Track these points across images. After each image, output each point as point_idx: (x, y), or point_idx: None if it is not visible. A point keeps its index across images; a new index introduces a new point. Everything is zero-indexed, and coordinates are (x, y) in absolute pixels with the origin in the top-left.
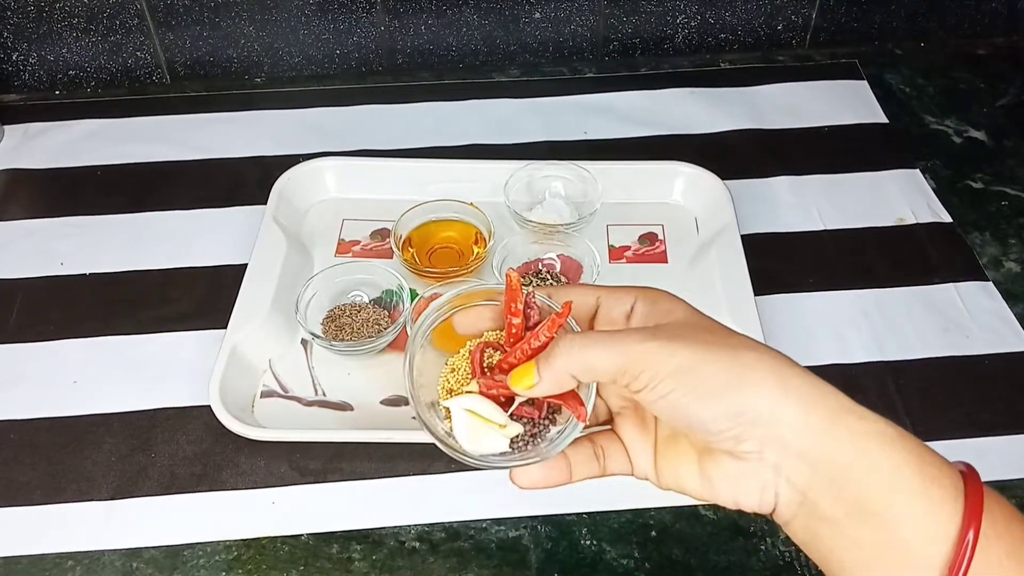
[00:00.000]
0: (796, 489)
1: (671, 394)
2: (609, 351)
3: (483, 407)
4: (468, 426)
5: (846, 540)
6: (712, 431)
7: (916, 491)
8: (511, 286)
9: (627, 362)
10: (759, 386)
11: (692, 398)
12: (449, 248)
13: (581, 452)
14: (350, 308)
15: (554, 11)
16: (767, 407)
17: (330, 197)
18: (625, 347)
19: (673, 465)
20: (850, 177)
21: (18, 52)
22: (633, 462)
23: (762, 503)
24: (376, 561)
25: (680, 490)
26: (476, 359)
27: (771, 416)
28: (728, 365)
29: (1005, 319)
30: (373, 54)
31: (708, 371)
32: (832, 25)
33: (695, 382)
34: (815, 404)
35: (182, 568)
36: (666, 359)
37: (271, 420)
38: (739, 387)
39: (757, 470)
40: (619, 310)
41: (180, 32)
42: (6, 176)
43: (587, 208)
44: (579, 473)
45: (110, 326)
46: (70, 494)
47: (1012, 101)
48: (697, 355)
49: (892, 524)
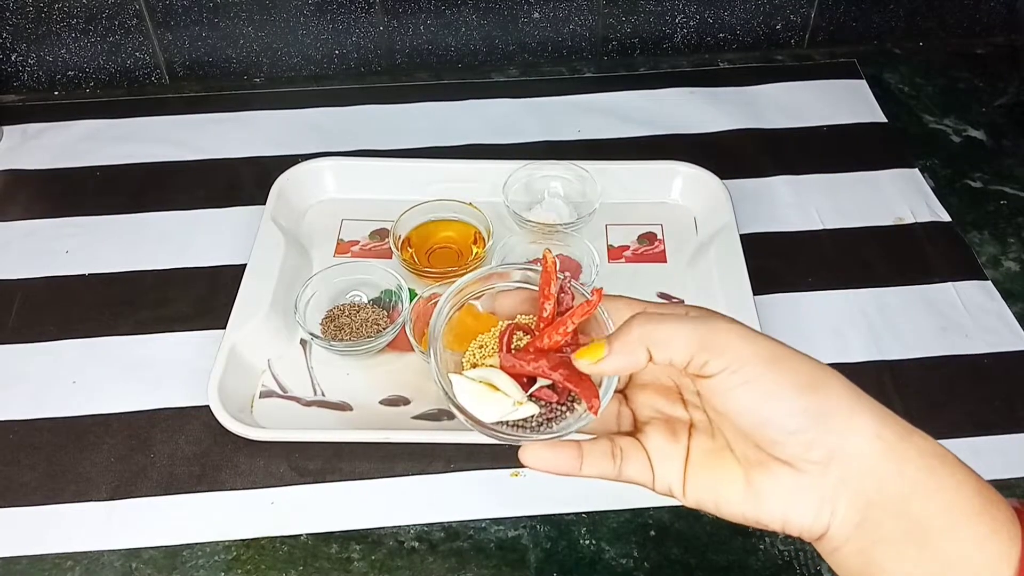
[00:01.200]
0: (856, 508)
1: (752, 381)
2: (692, 326)
3: (502, 381)
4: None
5: (903, 563)
6: (787, 429)
7: (977, 512)
8: (546, 267)
9: (710, 338)
10: (837, 392)
11: (772, 389)
12: (448, 248)
13: (596, 447)
14: (349, 308)
15: (553, 11)
16: (844, 414)
17: (329, 197)
18: (709, 324)
19: (710, 480)
20: (849, 176)
21: (17, 53)
22: (656, 474)
23: (815, 522)
24: (375, 561)
25: (715, 508)
26: (504, 339)
27: (846, 424)
28: (809, 366)
29: (1004, 318)
30: (372, 54)
31: (791, 365)
32: (831, 24)
33: (780, 372)
34: (885, 421)
35: (181, 568)
36: (751, 343)
37: (270, 420)
38: (823, 388)
39: (818, 484)
40: None
41: (179, 32)
42: (5, 176)
43: (586, 208)
44: (590, 468)
45: (109, 326)
46: (69, 494)
47: (1011, 100)
48: (781, 349)
49: (954, 545)
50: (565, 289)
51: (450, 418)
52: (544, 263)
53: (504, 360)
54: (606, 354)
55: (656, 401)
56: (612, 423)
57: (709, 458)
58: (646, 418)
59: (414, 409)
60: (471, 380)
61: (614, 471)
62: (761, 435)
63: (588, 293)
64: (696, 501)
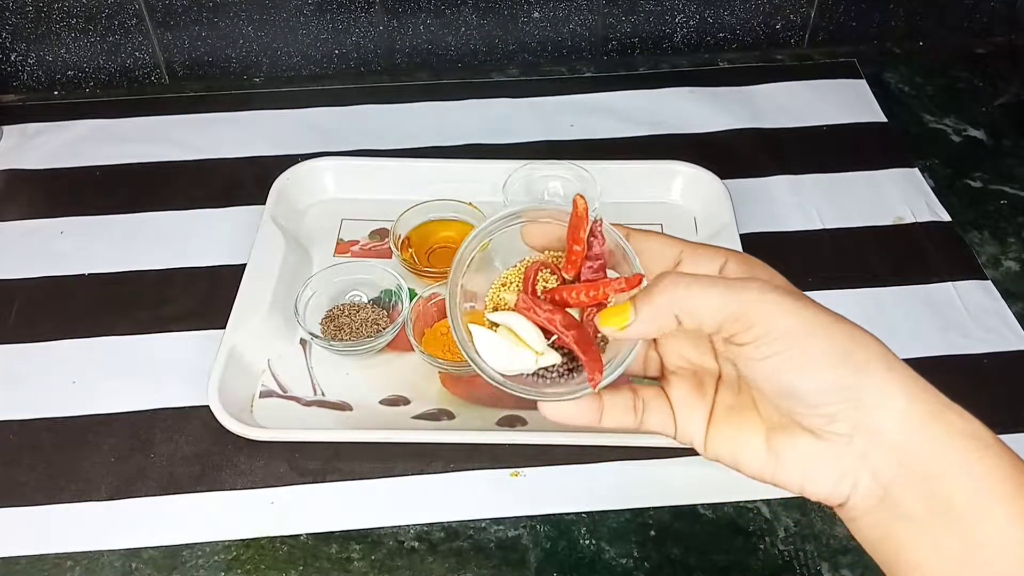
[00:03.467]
0: (879, 483)
1: (782, 354)
2: (723, 295)
3: (523, 328)
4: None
5: (924, 540)
6: (811, 403)
7: (1006, 496)
8: (576, 213)
9: (741, 310)
10: (871, 365)
11: (803, 362)
12: (448, 248)
13: (617, 397)
14: (349, 308)
15: (553, 11)
16: (876, 389)
17: (329, 197)
18: (741, 294)
19: (732, 437)
20: (849, 176)
21: (16, 52)
22: (678, 424)
23: (835, 491)
24: (375, 561)
25: (733, 464)
26: (529, 277)
27: (876, 400)
28: (845, 337)
29: (1004, 318)
30: (372, 54)
31: (825, 337)
32: (831, 24)
33: (809, 346)
34: (918, 396)
35: (181, 568)
36: (784, 316)
37: (270, 420)
38: (853, 361)
39: (840, 455)
40: (706, 268)
41: (178, 32)
42: (4, 176)
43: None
44: (610, 419)
45: (109, 326)
46: (69, 494)
47: (1011, 100)
48: (817, 319)
49: (976, 526)
50: (596, 233)
51: (450, 418)
52: (574, 207)
53: (521, 302)
54: (631, 320)
55: (686, 349)
56: (639, 368)
57: (732, 414)
58: (674, 366)
59: (414, 409)
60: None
61: (635, 423)
62: (785, 404)
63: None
64: (715, 455)
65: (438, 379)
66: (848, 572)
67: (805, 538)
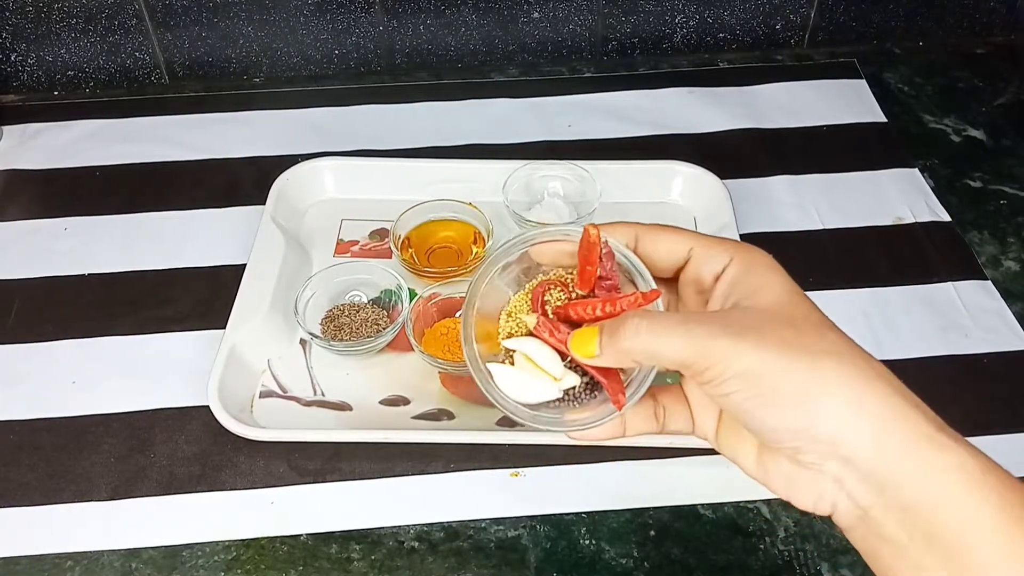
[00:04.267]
0: (857, 505)
1: (737, 394)
2: (677, 342)
3: (541, 353)
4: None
5: (908, 563)
6: (771, 439)
7: (996, 529)
8: (588, 240)
9: (693, 356)
10: (830, 403)
11: (755, 404)
12: (448, 248)
13: (640, 410)
14: (349, 308)
15: (553, 11)
16: (834, 427)
17: (329, 197)
18: (694, 339)
19: (732, 441)
20: (849, 176)
21: (16, 52)
22: (696, 421)
23: (816, 508)
24: (375, 561)
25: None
26: (537, 297)
27: (836, 437)
28: (801, 375)
29: (1004, 318)
30: (372, 54)
31: (777, 380)
32: (831, 24)
33: (761, 389)
34: (890, 429)
35: (181, 568)
36: (734, 359)
37: (270, 420)
38: (807, 402)
39: (815, 478)
40: (709, 269)
41: (179, 32)
42: (4, 177)
43: (585, 208)
44: (634, 428)
45: (108, 326)
46: (69, 494)
47: (1011, 100)
48: (769, 360)
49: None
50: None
51: (450, 418)
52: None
53: (538, 325)
54: (597, 354)
55: None
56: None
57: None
58: None
59: (414, 409)
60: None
61: (657, 428)
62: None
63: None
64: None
65: (438, 379)
66: (848, 572)
67: (805, 538)
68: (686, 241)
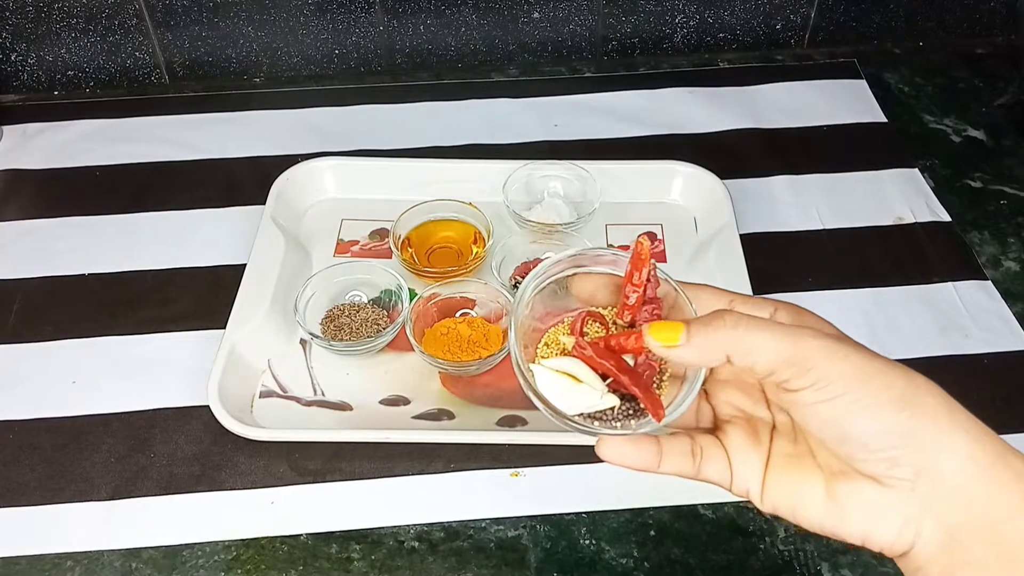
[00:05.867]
0: (944, 529)
1: (840, 397)
2: (779, 339)
3: (582, 372)
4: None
5: None
6: (871, 447)
7: None
8: (639, 253)
9: (797, 355)
10: (931, 409)
11: (862, 406)
12: (448, 248)
13: (676, 444)
14: (349, 308)
15: (553, 11)
16: (936, 433)
17: (329, 197)
18: (796, 339)
19: (790, 486)
20: (849, 176)
21: (17, 52)
22: (734, 475)
23: (899, 539)
24: (375, 561)
25: (791, 515)
26: (576, 325)
27: (938, 443)
28: (904, 382)
29: (1004, 318)
30: (372, 54)
31: (884, 382)
32: (831, 24)
33: (869, 390)
34: (981, 440)
35: (181, 568)
36: (841, 360)
37: (270, 420)
38: (912, 405)
39: (903, 501)
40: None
41: (179, 32)
42: (5, 176)
43: (586, 208)
44: (669, 465)
45: (109, 326)
46: (69, 494)
47: (1011, 100)
48: (873, 364)
49: None
50: (651, 278)
51: (450, 418)
52: (639, 248)
53: (577, 345)
54: (682, 343)
55: (738, 399)
56: (691, 419)
57: (790, 463)
58: (727, 416)
59: (414, 409)
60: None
61: (693, 470)
62: (844, 450)
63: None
64: (773, 507)
65: (438, 379)
66: (848, 572)
67: (805, 538)
68: (725, 295)
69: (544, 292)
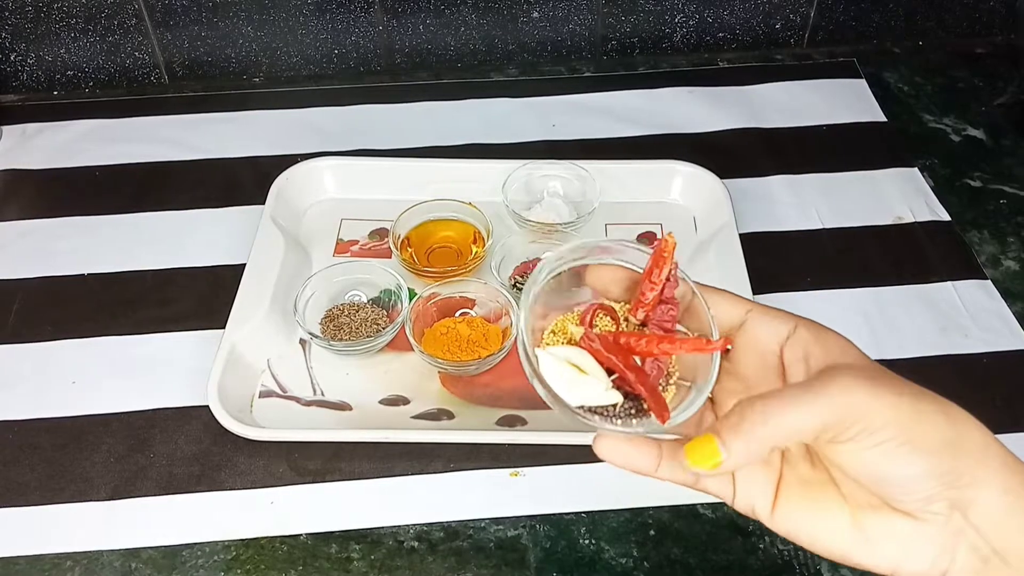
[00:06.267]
0: (978, 557)
1: (882, 445)
2: (813, 407)
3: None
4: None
5: None
6: (911, 489)
7: None
8: (662, 251)
9: (837, 415)
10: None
11: (907, 451)
12: (448, 248)
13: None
14: (348, 308)
15: (552, 10)
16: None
17: (328, 197)
18: (831, 397)
19: (810, 513)
20: (848, 176)
21: (16, 52)
22: (738, 491)
23: (932, 569)
24: (375, 561)
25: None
26: (586, 318)
27: (973, 479)
28: (945, 421)
29: (1003, 317)
30: (371, 54)
31: (929, 425)
32: (830, 24)
33: (914, 435)
34: (1015, 469)
35: (181, 568)
36: (881, 410)
37: (269, 420)
38: (952, 445)
39: (938, 533)
40: (772, 333)
41: (178, 32)
42: (4, 176)
43: (585, 207)
44: (667, 471)
45: (108, 326)
46: (69, 494)
47: (1010, 100)
48: (915, 405)
49: None
50: (671, 277)
51: (450, 418)
52: (663, 246)
53: (586, 337)
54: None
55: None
56: (694, 428)
57: (809, 490)
58: None
59: (414, 409)
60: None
61: (692, 479)
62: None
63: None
64: (787, 531)
65: (438, 379)
66: (848, 572)
67: None
68: (743, 304)
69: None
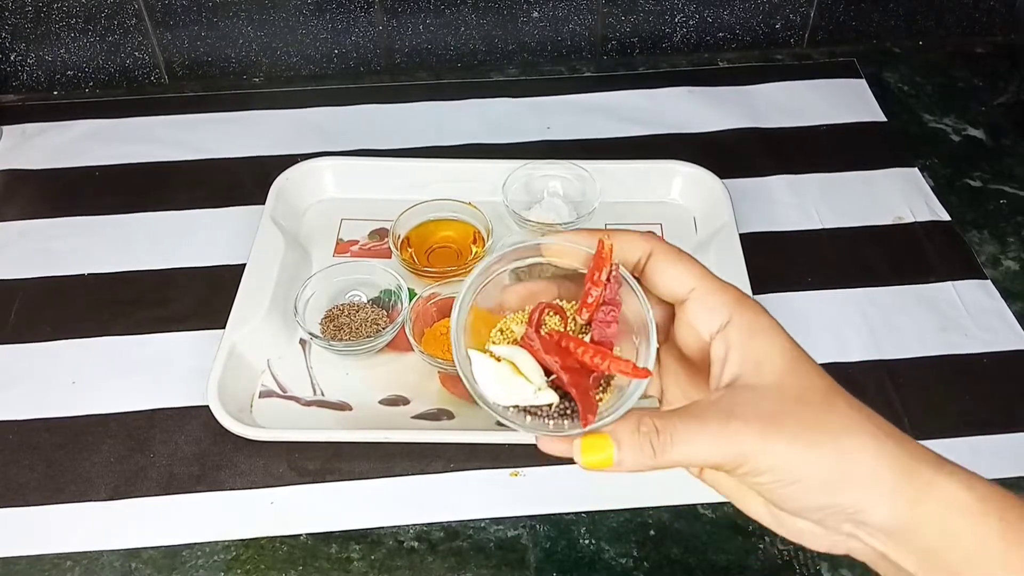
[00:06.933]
0: (874, 551)
1: (766, 484)
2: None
3: (525, 362)
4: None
5: None
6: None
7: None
8: (600, 254)
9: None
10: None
11: (788, 491)
12: (447, 248)
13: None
14: (348, 308)
15: (552, 10)
16: (856, 500)
17: (328, 197)
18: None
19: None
20: (848, 176)
21: (16, 52)
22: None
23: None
24: (375, 561)
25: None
26: (534, 316)
27: (857, 507)
28: (827, 460)
29: (1003, 317)
30: (371, 54)
31: (807, 468)
32: (830, 24)
33: (793, 476)
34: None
35: (181, 568)
36: (765, 455)
37: (269, 420)
38: (839, 486)
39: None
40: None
41: (178, 32)
42: (4, 176)
43: (585, 207)
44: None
45: (108, 326)
46: (68, 495)
47: (1010, 99)
48: (797, 452)
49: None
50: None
51: (450, 418)
52: (600, 248)
53: (527, 336)
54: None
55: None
56: None
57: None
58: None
59: (414, 409)
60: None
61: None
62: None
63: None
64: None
65: (438, 379)
66: (847, 572)
67: None
68: (690, 280)
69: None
